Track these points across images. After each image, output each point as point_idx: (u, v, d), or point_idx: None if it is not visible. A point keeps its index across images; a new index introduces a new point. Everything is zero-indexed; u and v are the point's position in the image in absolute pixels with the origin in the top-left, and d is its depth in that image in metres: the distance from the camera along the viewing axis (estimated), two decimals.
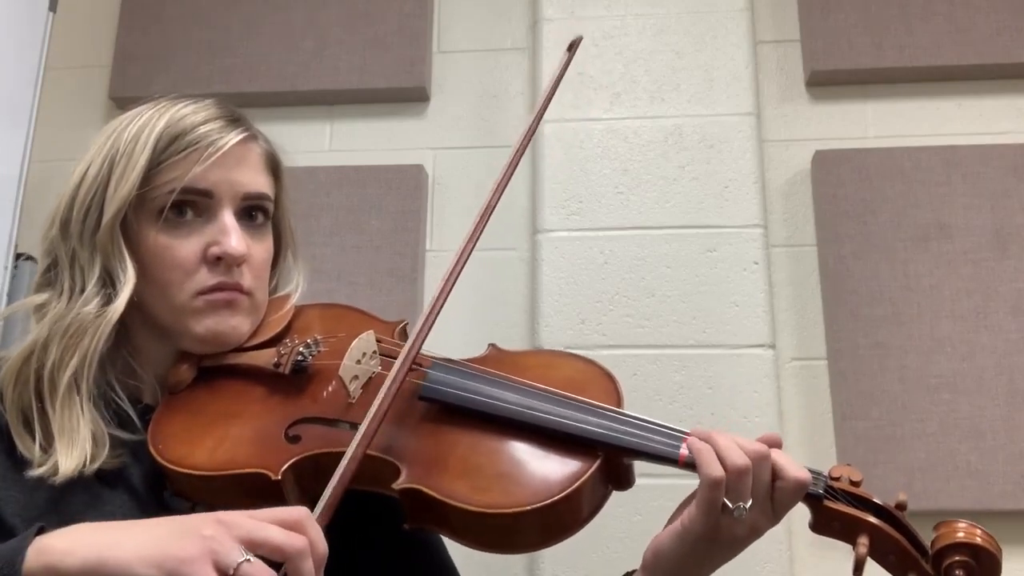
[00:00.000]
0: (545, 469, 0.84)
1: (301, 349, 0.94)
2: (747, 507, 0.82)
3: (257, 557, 0.67)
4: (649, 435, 0.86)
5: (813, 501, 0.85)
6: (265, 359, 0.95)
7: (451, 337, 2.00)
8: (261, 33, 2.25)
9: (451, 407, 0.89)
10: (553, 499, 0.81)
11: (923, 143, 2.05)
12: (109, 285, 0.92)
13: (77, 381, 0.89)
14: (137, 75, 2.24)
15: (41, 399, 0.90)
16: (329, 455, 0.84)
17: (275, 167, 1.02)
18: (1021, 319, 1.90)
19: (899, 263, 1.96)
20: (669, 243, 1.98)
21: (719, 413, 1.86)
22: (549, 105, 1.10)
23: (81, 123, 2.24)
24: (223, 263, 0.93)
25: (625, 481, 0.89)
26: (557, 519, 0.83)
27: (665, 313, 1.94)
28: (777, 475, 0.83)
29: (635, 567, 0.92)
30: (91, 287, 0.91)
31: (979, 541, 0.81)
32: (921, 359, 1.90)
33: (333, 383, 0.92)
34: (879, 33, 2.10)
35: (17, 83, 1.89)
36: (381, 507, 0.88)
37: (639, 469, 0.91)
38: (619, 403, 0.90)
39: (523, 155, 1.03)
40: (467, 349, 1.02)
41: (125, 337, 0.96)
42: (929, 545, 0.83)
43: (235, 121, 0.97)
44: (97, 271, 0.91)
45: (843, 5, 2.13)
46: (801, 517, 0.89)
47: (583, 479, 0.83)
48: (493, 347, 1.01)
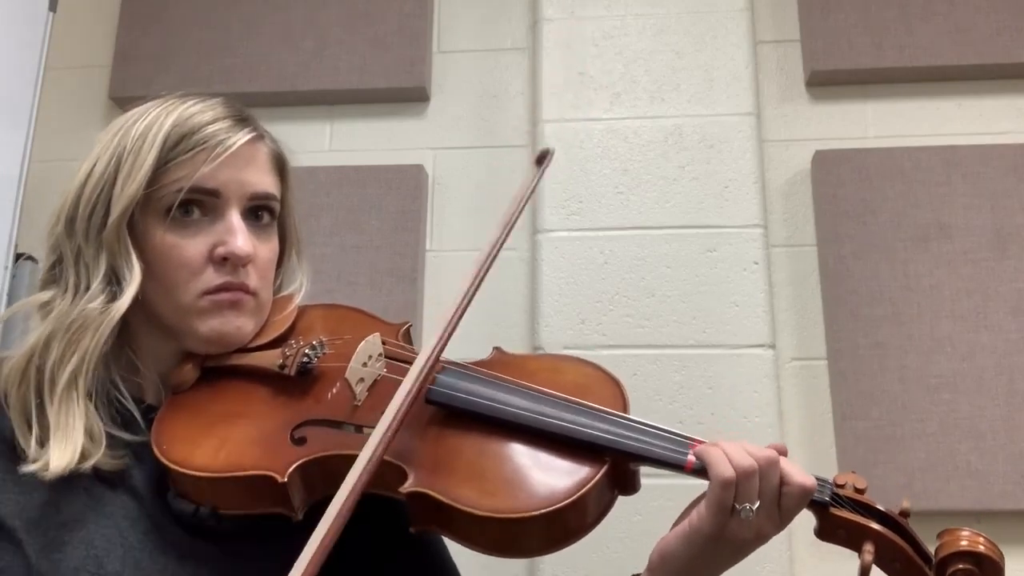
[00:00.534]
0: (552, 474, 0.84)
1: (307, 351, 0.94)
2: (755, 509, 0.82)
3: None
4: (656, 441, 0.86)
5: (819, 508, 0.85)
6: (270, 360, 0.94)
7: (452, 337, 2.01)
8: (261, 33, 2.25)
9: (458, 411, 0.89)
10: (560, 504, 0.81)
11: (923, 143, 2.05)
12: (114, 283, 0.91)
13: (76, 378, 0.89)
14: (137, 75, 2.24)
15: (40, 396, 0.89)
16: (335, 457, 0.84)
17: (282, 167, 1.02)
18: (1021, 319, 1.90)
19: (899, 263, 1.96)
20: (669, 243, 1.98)
21: (719, 413, 1.86)
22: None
23: (81, 123, 2.24)
24: (229, 263, 0.92)
25: (631, 486, 0.89)
26: (563, 524, 0.83)
27: (665, 313, 1.94)
28: (784, 481, 0.83)
29: (639, 570, 0.92)
30: (96, 285, 0.90)
31: (982, 549, 0.81)
32: (921, 359, 1.90)
33: (338, 385, 0.92)
34: (879, 33, 2.11)
35: (17, 83, 1.88)
36: (385, 510, 0.88)
37: (641, 470, 0.91)
38: (625, 408, 0.90)
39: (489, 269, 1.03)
40: (467, 349, 1.01)
41: (129, 336, 0.95)
42: (933, 553, 0.84)
43: (243, 120, 0.97)
44: (103, 269, 0.91)
45: (843, 5, 2.13)
46: (801, 520, 0.89)
47: (590, 485, 0.82)
48: (498, 350, 1.01)
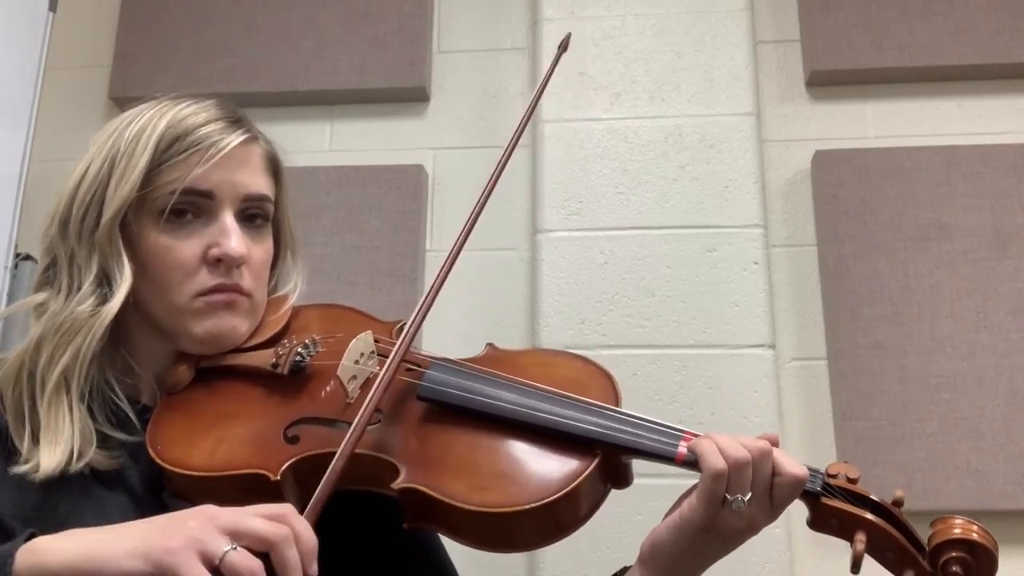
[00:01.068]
0: (544, 468, 0.84)
1: (299, 350, 0.94)
2: (746, 500, 0.82)
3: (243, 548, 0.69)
4: (647, 433, 0.86)
5: (811, 498, 0.86)
6: (263, 360, 0.95)
7: (451, 337, 2.02)
8: (261, 33, 2.25)
9: (450, 407, 0.89)
10: (552, 498, 0.81)
11: (923, 143, 2.05)
12: (105, 285, 0.92)
13: (67, 379, 0.89)
14: (137, 75, 2.24)
15: (33, 397, 0.90)
16: (328, 455, 0.84)
17: (276, 168, 1.02)
18: (1021, 319, 1.90)
19: (899, 263, 1.96)
20: (669, 243, 1.98)
21: (719, 413, 1.86)
22: (546, 106, 1.10)
23: (81, 123, 2.24)
24: (223, 264, 0.93)
25: (623, 479, 0.90)
26: (556, 518, 0.83)
27: (665, 313, 1.94)
28: (776, 471, 0.84)
29: (629, 564, 0.93)
30: (87, 286, 0.91)
31: (976, 537, 0.81)
32: (921, 359, 1.89)
33: (331, 383, 0.92)
34: (879, 33, 2.10)
35: (17, 83, 1.89)
36: (379, 507, 0.88)
37: (638, 469, 0.91)
38: (617, 402, 0.91)
39: (515, 148, 1.02)
40: (466, 349, 1.02)
41: (124, 337, 0.96)
42: (926, 541, 0.84)
43: (236, 122, 0.97)
44: (94, 270, 0.91)
45: (843, 5, 2.13)
46: (801, 519, 0.89)
47: (582, 478, 0.83)
48: (491, 347, 1.01)
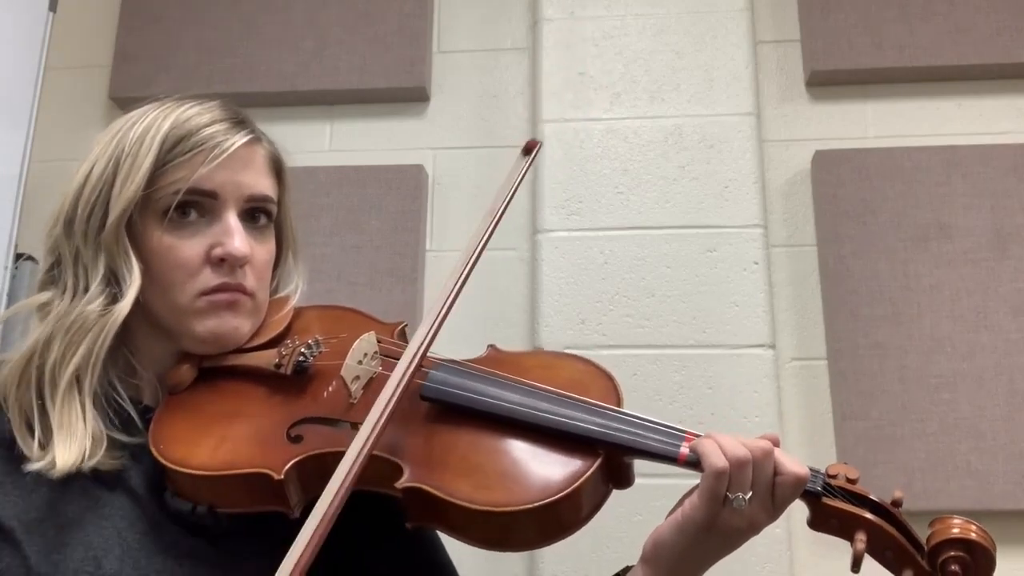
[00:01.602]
0: (546, 468, 0.84)
1: (303, 350, 0.94)
2: (747, 499, 0.82)
3: None
4: (649, 434, 0.86)
5: (811, 498, 0.86)
6: (266, 360, 0.95)
7: (451, 337, 2.01)
8: (261, 33, 2.25)
9: (453, 407, 0.89)
10: (554, 498, 0.81)
11: (923, 143, 2.05)
12: (114, 284, 0.92)
13: (80, 379, 0.89)
14: (137, 75, 2.24)
15: (42, 396, 0.90)
16: (331, 455, 0.84)
17: (279, 169, 1.03)
18: (1021, 319, 1.90)
19: (899, 263, 1.96)
20: (669, 243, 1.98)
21: (719, 413, 1.86)
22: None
23: (81, 123, 2.24)
24: (226, 264, 0.93)
25: (625, 480, 0.90)
26: (558, 518, 0.83)
27: (665, 313, 1.94)
28: (778, 470, 0.84)
29: (632, 564, 0.93)
30: (95, 286, 0.91)
31: (974, 537, 0.81)
32: (921, 359, 1.90)
33: (334, 383, 0.92)
34: (879, 33, 2.11)
35: (17, 83, 1.89)
36: (380, 506, 0.88)
37: (639, 469, 0.91)
38: (619, 403, 0.91)
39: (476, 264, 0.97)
40: (467, 349, 1.02)
41: (126, 337, 0.96)
42: (925, 541, 0.84)
43: (240, 123, 0.97)
44: (101, 270, 0.91)
45: (843, 5, 2.13)
46: (801, 520, 0.89)
47: (584, 478, 0.83)
48: (492, 348, 1.02)
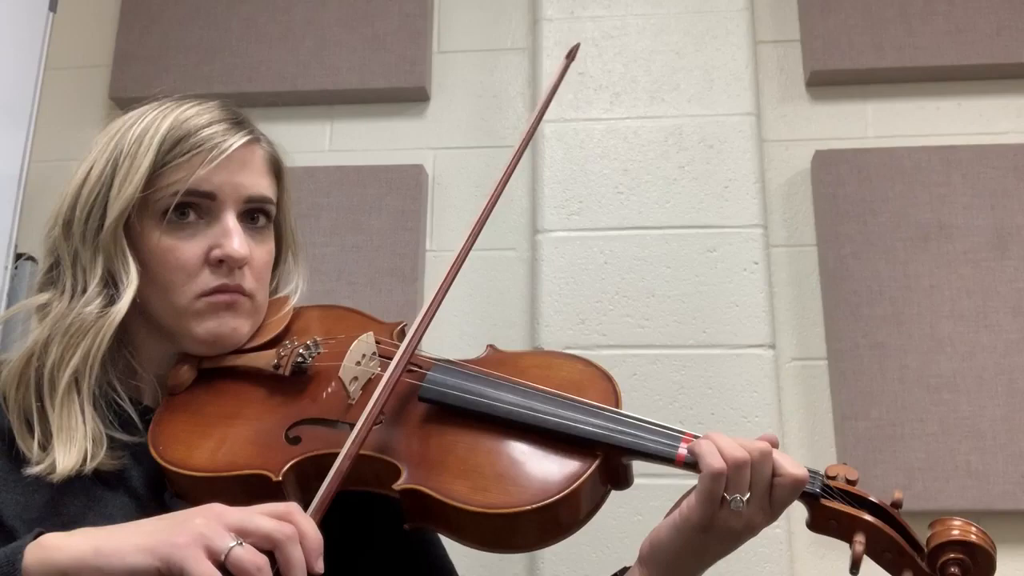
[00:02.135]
0: (544, 469, 0.84)
1: (301, 351, 0.94)
2: (745, 500, 0.82)
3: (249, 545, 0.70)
4: (647, 435, 0.86)
5: (810, 499, 0.86)
6: (265, 361, 0.95)
7: (451, 337, 2.02)
8: (261, 33, 2.25)
9: (451, 408, 0.89)
10: (552, 499, 0.81)
11: (923, 143, 2.05)
12: (111, 286, 0.92)
13: (78, 381, 0.90)
14: (137, 75, 2.24)
15: (41, 398, 0.90)
16: (329, 456, 0.84)
17: (278, 170, 1.03)
18: (1021, 319, 1.90)
19: (899, 263, 1.96)
20: (669, 243, 1.98)
21: (719, 413, 1.86)
22: (548, 109, 1.10)
23: (81, 123, 2.24)
24: (225, 265, 0.93)
25: (624, 481, 0.90)
26: (556, 519, 0.83)
27: (665, 313, 1.94)
28: (776, 472, 0.84)
29: (630, 564, 0.93)
30: (93, 287, 0.91)
31: (974, 539, 0.81)
32: (921, 359, 1.90)
33: (333, 384, 0.92)
34: (879, 33, 2.10)
35: (17, 83, 1.89)
36: (380, 507, 0.88)
37: (638, 469, 0.91)
38: (617, 403, 0.91)
39: (521, 158, 1.03)
40: (467, 349, 1.02)
41: (126, 338, 0.96)
42: (925, 543, 0.84)
43: (239, 124, 0.97)
44: (99, 272, 0.91)
45: (843, 5, 2.13)
46: (801, 521, 0.89)
47: (582, 479, 0.83)
48: (491, 348, 1.02)
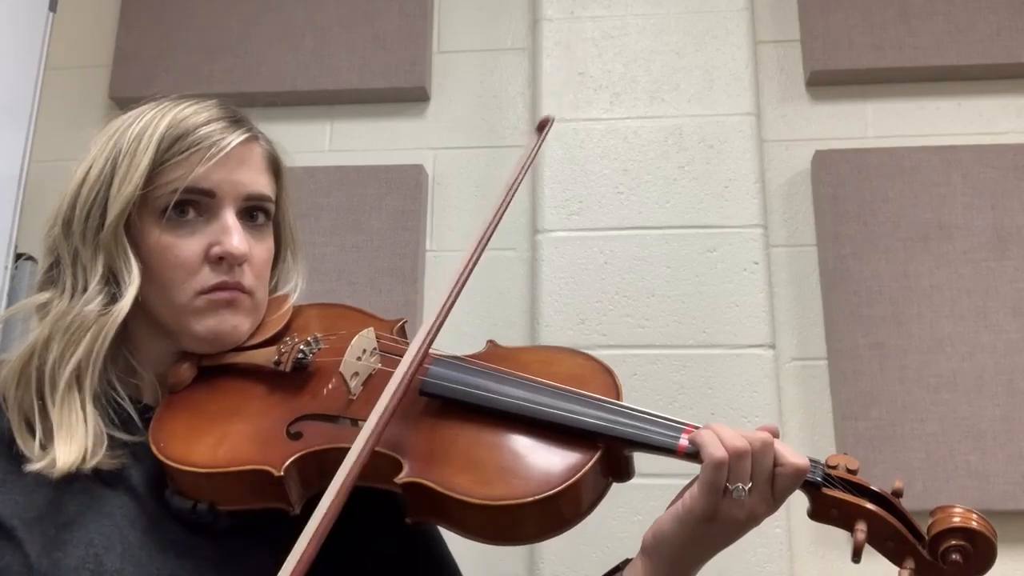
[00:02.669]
0: (546, 461, 0.84)
1: (302, 347, 0.94)
2: (747, 489, 0.82)
3: None
4: (649, 426, 0.87)
5: (811, 488, 0.86)
6: (265, 357, 0.95)
7: (451, 336, 2.01)
8: (261, 33, 2.25)
9: (452, 402, 0.89)
10: (554, 491, 0.81)
11: (923, 143, 2.05)
12: (113, 284, 0.92)
13: (79, 379, 0.90)
14: (137, 75, 2.24)
15: (42, 397, 0.90)
16: (331, 451, 0.84)
17: (276, 168, 1.03)
18: (1021, 319, 1.90)
19: (899, 263, 1.96)
20: (669, 243, 1.98)
21: (719, 413, 1.86)
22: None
23: (81, 123, 2.24)
24: (225, 263, 0.93)
25: (625, 473, 0.90)
26: (558, 511, 0.83)
27: (665, 313, 1.94)
28: (778, 461, 0.84)
29: (630, 557, 0.93)
30: (93, 286, 0.91)
31: (975, 525, 0.81)
32: (921, 359, 1.90)
33: (334, 380, 0.92)
34: (879, 33, 2.11)
35: (17, 83, 1.89)
36: (381, 501, 0.88)
37: (639, 469, 0.91)
38: (618, 397, 0.91)
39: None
40: (466, 349, 1.02)
41: (126, 336, 0.96)
42: (926, 531, 0.84)
43: (237, 122, 0.98)
44: (100, 270, 0.91)
45: (843, 5, 2.14)
46: (801, 518, 0.89)
47: (584, 471, 0.83)
48: (492, 343, 1.02)
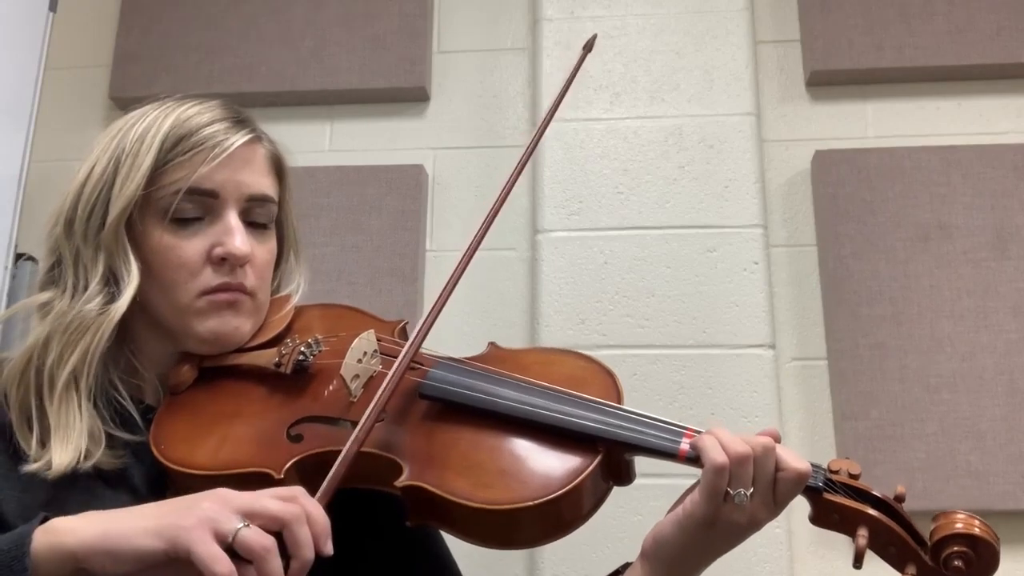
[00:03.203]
0: (546, 465, 0.84)
1: (302, 349, 0.94)
2: (748, 494, 0.82)
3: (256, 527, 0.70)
4: (649, 430, 0.86)
5: (812, 494, 0.86)
6: (266, 359, 0.95)
7: (451, 336, 2.02)
8: (261, 33, 2.25)
9: (452, 405, 0.89)
10: (555, 495, 0.81)
11: (923, 143, 2.05)
12: (112, 284, 0.92)
13: (76, 378, 0.90)
14: (137, 75, 2.24)
15: (40, 396, 0.90)
16: (331, 453, 0.84)
17: (279, 168, 1.03)
18: (1021, 319, 1.90)
19: (899, 263, 1.96)
20: (669, 243, 1.98)
21: (719, 413, 1.86)
22: (545, 99, 1.10)
23: (81, 123, 2.24)
24: (227, 264, 0.93)
25: (626, 476, 0.90)
26: (559, 515, 0.83)
27: (665, 313, 1.94)
28: (780, 466, 0.84)
29: (632, 561, 0.93)
30: (94, 285, 0.91)
31: (977, 532, 0.81)
32: (921, 359, 1.90)
33: (334, 382, 0.92)
34: (879, 33, 2.11)
35: (17, 83, 1.89)
36: (382, 505, 0.88)
37: (639, 469, 0.91)
38: (619, 399, 0.91)
39: (535, 148, 1.03)
40: (467, 349, 1.02)
41: (128, 336, 0.96)
42: (928, 536, 0.84)
43: (241, 122, 0.97)
44: (101, 270, 0.92)
45: (843, 5, 2.13)
46: (801, 521, 0.89)
47: (584, 475, 0.83)
48: (493, 345, 1.02)
